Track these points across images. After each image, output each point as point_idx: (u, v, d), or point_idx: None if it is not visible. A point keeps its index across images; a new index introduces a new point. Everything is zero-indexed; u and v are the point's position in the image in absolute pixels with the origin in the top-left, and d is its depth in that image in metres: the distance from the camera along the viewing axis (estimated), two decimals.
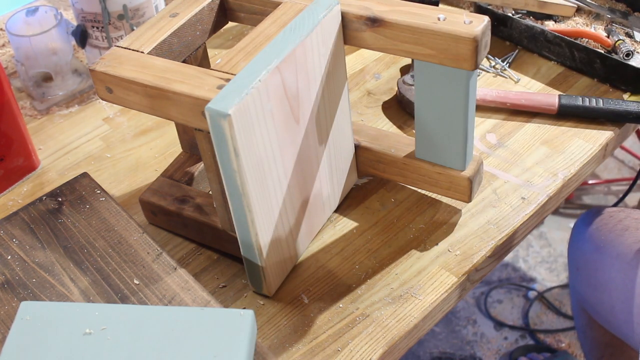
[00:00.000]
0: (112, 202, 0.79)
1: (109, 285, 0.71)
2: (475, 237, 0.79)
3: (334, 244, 0.79)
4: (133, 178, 0.90)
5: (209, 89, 0.64)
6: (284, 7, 0.72)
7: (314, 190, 0.76)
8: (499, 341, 1.66)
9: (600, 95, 0.95)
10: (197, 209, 0.78)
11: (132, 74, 0.67)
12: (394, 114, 0.95)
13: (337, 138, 0.77)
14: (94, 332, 0.64)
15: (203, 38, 0.77)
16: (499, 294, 1.76)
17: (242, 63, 0.66)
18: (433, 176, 0.79)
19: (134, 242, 0.75)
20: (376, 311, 0.73)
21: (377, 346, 0.70)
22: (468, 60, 0.67)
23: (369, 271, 0.76)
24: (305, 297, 0.74)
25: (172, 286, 0.70)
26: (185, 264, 0.79)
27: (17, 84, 1.04)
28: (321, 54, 0.70)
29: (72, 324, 0.64)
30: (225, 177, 0.65)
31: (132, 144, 0.95)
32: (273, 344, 0.70)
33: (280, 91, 0.65)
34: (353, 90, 0.99)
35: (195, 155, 0.85)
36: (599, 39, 0.98)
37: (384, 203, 0.83)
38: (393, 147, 0.81)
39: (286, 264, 0.75)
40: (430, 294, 0.74)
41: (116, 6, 0.96)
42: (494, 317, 1.71)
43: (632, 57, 0.95)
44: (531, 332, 1.67)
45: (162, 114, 0.68)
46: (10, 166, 0.89)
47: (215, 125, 0.60)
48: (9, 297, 0.70)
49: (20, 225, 0.77)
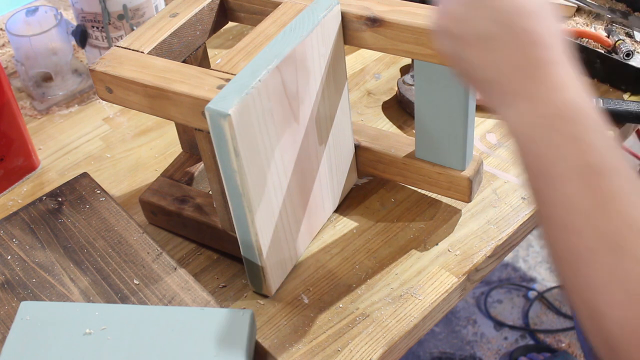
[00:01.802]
0: (112, 202, 0.79)
1: (109, 285, 0.71)
2: (475, 237, 0.79)
3: (334, 244, 0.79)
4: (133, 178, 0.90)
5: (209, 89, 0.64)
6: (284, 7, 0.72)
7: (314, 190, 0.75)
8: (499, 341, 1.66)
9: (600, 95, 0.95)
10: (197, 209, 0.78)
11: (132, 74, 0.67)
12: (394, 114, 0.95)
13: (337, 138, 0.77)
14: (94, 332, 0.64)
15: (203, 38, 0.77)
16: (499, 294, 1.76)
17: (242, 63, 0.66)
18: (433, 176, 0.79)
19: (134, 242, 0.75)
20: (376, 311, 0.73)
21: (377, 346, 0.70)
22: None
23: (369, 271, 0.76)
24: (305, 297, 0.74)
25: (172, 286, 0.70)
26: (185, 264, 0.79)
27: (17, 84, 1.04)
28: (321, 54, 0.70)
29: (72, 324, 0.64)
30: (225, 177, 0.65)
31: (132, 144, 0.95)
32: (273, 344, 0.70)
33: (280, 91, 0.65)
34: (353, 90, 0.99)
35: (195, 155, 0.85)
36: (599, 39, 0.98)
37: (384, 203, 0.83)
38: (393, 147, 0.81)
39: (286, 264, 0.75)
40: (430, 294, 0.74)
41: (116, 6, 0.96)
42: (494, 317, 1.71)
43: (632, 57, 0.95)
44: (531, 332, 1.67)
45: (162, 114, 0.68)
46: (10, 166, 0.89)
47: (215, 125, 0.60)
48: (9, 297, 0.70)
49: (20, 225, 0.77)
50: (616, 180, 0.42)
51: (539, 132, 0.46)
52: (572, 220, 0.42)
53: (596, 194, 0.42)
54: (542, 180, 0.45)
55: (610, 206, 0.41)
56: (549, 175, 0.44)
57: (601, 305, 0.41)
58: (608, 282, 0.40)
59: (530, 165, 0.46)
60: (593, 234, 0.41)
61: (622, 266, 0.40)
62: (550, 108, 0.46)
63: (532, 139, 0.46)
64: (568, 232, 0.42)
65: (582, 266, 0.42)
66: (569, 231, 0.42)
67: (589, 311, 0.42)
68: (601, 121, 0.45)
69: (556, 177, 0.44)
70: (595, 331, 0.43)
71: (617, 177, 0.42)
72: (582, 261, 0.41)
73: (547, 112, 0.46)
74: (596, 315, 0.42)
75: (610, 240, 0.41)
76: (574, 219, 0.42)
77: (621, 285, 0.40)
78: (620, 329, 0.41)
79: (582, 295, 0.42)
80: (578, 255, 0.42)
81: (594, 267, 0.41)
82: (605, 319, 0.41)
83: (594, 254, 0.41)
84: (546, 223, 0.44)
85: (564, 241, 0.43)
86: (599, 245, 0.41)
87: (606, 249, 0.41)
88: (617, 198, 0.42)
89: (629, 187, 0.42)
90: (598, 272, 0.41)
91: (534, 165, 0.46)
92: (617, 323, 0.41)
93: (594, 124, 0.45)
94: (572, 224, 0.42)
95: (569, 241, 0.42)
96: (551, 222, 0.43)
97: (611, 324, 0.41)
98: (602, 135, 0.45)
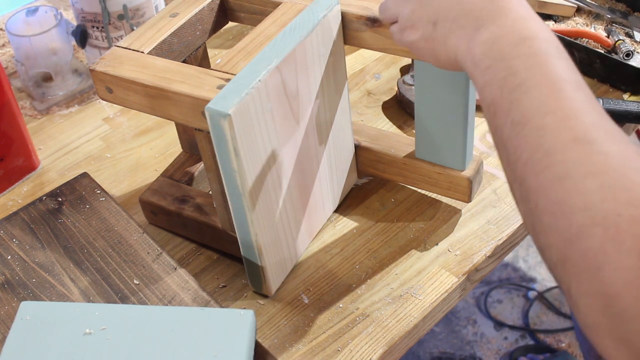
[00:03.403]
0: (112, 202, 0.79)
1: (109, 285, 0.71)
2: (475, 237, 0.79)
3: (334, 244, 0.79)
4: (133, 178, 0.90)
5: (209, 89, 0.64)
6: (284, 7, 0.72)
7: (314, 190, 0.75)
8: (499, 341, 1.66)
9: (600, 95, 0.95)
10: (197, 209, 0.78)
11: (132, 74, 0.67)
12: (394, 114, 0.95)
13: (337, 138, 0.77)
14: (94, 332, 0.64)
15: (203, 38, 0.77)
16: (499, 294, 1.76)
17: (242, 63, 0.66)
18: (433, 176, 0.79)
19: (134, 242, 0.75)
20: (376, 311, 0.73)
21: (377, 346, 0.70)
22: None
23: (369, 271, 0.76)
24: (305, 297, 0.74)
25: (172, 286, 0.70)
26: (185, 264, 0.79)
27: (17, 84, 1.04)
28: (321, 54, 0.70)
29: (72, 324, 0.64)
30: (225, 177, 0.65)
31: (132, 144, 0.95)
32: (273, 344, 0.70)
33: (280, 91, 0.65)
34: (353, 90, 0.99)
35: (195, 155, 0.85)
36: (599, 39, 0.98)
37: (384, 203, 0.83)
38: (393, 147, 0.81)
39: (286, 264, 0.75)
40: (430, 294, 0.74)
41: (116, 6, 0.96)
42: (494, 317, 1.71)
43: (632, 57, 0.95)
44: (531, 332, 1.67)
45: (162, 114, 0.68)
46: (10, 166, 0.89)
47: (215, 125, 0.60)
48: (9, 297, 0.70)
49: (20, 225, 0.77)
50: (577, 91, 0.48)
51: (510, 49, 0.51)
52: (546, 122, 0.47)
53: (564, 99, 0.47)
54: (517, 89, 0.49)
55: (576, 110, 0.47)
56: (523, 84, 0.49)
57: (576, 201, 0.43)
58: (582, 173, 0.44)
59: (503, 81, 0.51)
60: (565, 130, 0.46)
61: (593, 157, 0.44)
62: (517, 30, 0.52)
63: (502, 57, 0.51)
64: (543, 131, 0.47)
65: (557, 162, 0.45)
66: (544, 130, 0.47)
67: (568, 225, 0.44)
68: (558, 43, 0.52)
69: (531, 86, 0.49)
70: None
71: (578, 88, 0.48)
72: (556, 154, 0.45)
73: (516, 33, 0.52)
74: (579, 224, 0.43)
75: (581, 135, 0.45)
76: (547, 120, 0.47)
77: (593, 177, 0.43)
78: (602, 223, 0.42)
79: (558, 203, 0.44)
80: (552, 148, 0.46)
81: (567, 159, 0.45)
82: None
83: (566, 146, 0.45)
84: (519, 129, 0.49)
85: (539, 143, 0.47)
86: (571, 138, 0.45)
87: (578, 141, 0.45)
88: (580, 104, 0.47)
89: (587, 98, 0.48)
90: (571, 163, 0.45)
91: (507, 79, 0.50)
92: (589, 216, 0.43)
93: (555, 43, 0.51)
94: (547, 124, 0.47)
95: (544, 140, 0.46)
96: (526, 126, 0.48)
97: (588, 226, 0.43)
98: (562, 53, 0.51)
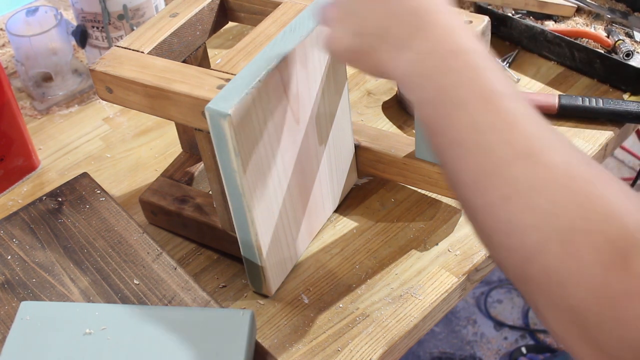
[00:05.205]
0: (112, 202, 0.79)
1: (109, 285, 0.71)
2: (475, 237, 0.79)
3: (334, 244, 0.79)
4: (133, 178, 0.90)
5: (209, 89, 0.64)
6: (284, 7, 0.72)
7: (314, 190, 0.75)
8: (499, 341, 1.66)
9: (600, 95, 0.95)
10: (197, 209, 0.78)
11: (132, 74, 0.67)
12: (394, 114, 0.95)
13: (337, 138, 0.77)
14: (94, 332, 0.64)
15: (203, 38, 0.77)
16: (499, 294, 1.76)
17: (242, 63, 0.66)
18: (433, 176, 0.79)
19: (134, 242, 0.75)
20: (376, 311, 0.73)
21: (377, 346, 0.70)
22: None
23: (369, 271, 0.76)
24: (305, 297, 0.74)
25: (172, 286, 0.70)
26: (185, 264, 0.79)
27: (17, 84, 1.04)
28: (321, 54, 0.70)
29: (72, 324, 0.64)
30: (225, 177, 0.65)
31: (132, 144, 0.95)
32: (273, 344, 0.70)
33: (280, 91, 0.65)
34: (353, 90, 0.99)
35: (195, 155, 0.85)
36: (599, 39, 0.98)
37: (384, 203, 0.83)
38: (393, 147, 0.81)
39: (286, 264, 0.75)
40: (430, 294, 0.74)
41: (116, 6, 0.96)
42: (494, 317, 1.71)
43: (632, 57, 0.95)
44: (531, 332, 1.67)
45: (162, 114, 0.68)
46: (10, 166, 0.89)
47: (215, 125, 0.60)
48: (9, 297, 0.70)
49: (20, 225, 0.77)
50: (514, 102, 0.47)
51: (438, 65, 0.49)
52: (485, 139, 0.46)
53: (500, 113, 0.46)
54: (450, 108, 0.48)
55: (514, 124, 0.45)
56: (456, 101, 0.48)
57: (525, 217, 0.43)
58: (528, 189, 0.43)
59: (434, 100, 0.49)
60: (505, 146, 0.45)
61: (537, 172, 0.43)
62: (444, 45, 0.50)
63: (430, 75, 0.50)
64: (482, 149, 0.45)
65: (501, 181, 0.44)
66: (483, 148, 0.45)
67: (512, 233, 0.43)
68: (490, 54, 0.50)
69: (464, 103, 0.47)
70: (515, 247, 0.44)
71: (515, 100, 0.47)
72: (499, 173, 0.44)
73: (443, 48, 0.50)
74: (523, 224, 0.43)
75: (522, 150, 0.44)
76: (485, 137, 0.46)
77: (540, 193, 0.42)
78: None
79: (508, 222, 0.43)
80: (494, 167, 0.45)
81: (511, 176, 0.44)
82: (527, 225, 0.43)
83: (508, 163, 0.44)
84: (457, 149, 0.47)
85: (480, 162, 0.46)
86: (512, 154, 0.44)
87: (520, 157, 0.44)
88: (519, 116, 0.46)
89: (526, 109, 0.47)
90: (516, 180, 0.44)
91: (438, 98, 0.49)
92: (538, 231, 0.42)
93: (485, 54, 0.50)
94: (485, 141, 0.45)
95: (484, 159, 0.45)
96: (463, 146, 0.47)
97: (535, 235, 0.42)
98: (494, 64, 0.49)
